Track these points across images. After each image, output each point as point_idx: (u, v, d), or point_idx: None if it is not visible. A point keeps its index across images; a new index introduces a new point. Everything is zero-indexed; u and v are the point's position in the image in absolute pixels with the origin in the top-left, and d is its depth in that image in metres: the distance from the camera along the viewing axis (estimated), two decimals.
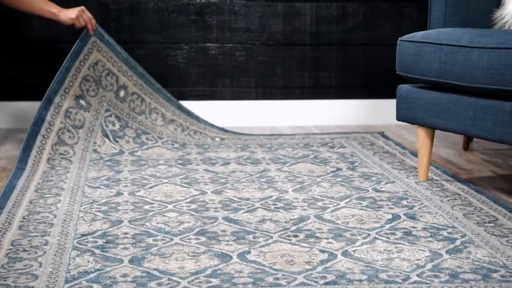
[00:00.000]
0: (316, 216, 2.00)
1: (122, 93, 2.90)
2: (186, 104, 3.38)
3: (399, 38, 2.38)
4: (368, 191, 2.27)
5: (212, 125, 3.07)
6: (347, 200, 2.17)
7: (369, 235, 1.85)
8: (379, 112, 3.46)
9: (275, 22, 3.39)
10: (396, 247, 1.76)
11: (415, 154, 2.75)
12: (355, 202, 2.14)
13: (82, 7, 2.84)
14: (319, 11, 3.40)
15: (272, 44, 3.40)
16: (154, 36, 3.33)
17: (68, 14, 2.79)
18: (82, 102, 2.79)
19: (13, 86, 3.30)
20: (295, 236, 1.84)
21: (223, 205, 2.11)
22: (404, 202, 2.14)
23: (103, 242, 1.79)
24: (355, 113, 3.46)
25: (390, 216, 2.00)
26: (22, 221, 1.94)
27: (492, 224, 1.93)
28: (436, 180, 2.38)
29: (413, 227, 1.91)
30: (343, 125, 3.45)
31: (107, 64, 2.88)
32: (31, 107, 3.28)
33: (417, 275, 1.59)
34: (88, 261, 1.67)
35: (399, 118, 2.41)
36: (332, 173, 2.49)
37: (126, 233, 1.85)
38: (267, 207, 2.10)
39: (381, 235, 1.85)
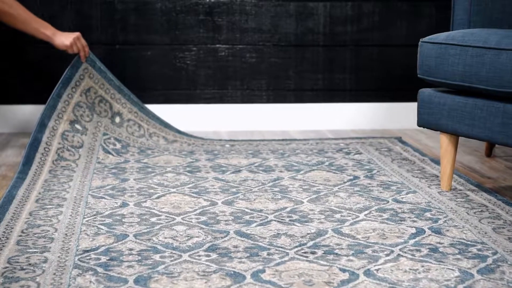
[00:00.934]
0: (335, 230, 1.87)
1: (117, 119, 2.82)
2: (195, 107, 3.26)
3: (420, 40, 2.25)
4: (388, 202, 2.13)
5: (219, 140, 2.95)
6: (366, 212, 2.04)
7: (392, 251, 1.72)
8: (395, 116, 3.33)
9: (287, 23, 3.26)
10: (422, 266, 1.63)
11: (435, 161, 2.62)
12: (375, 214, 2.01)
13: (78, 34, 2.75)
14: (333, 10, 3.27)
15: (284, 45, 3.27)
16: (162, 37, 3.21)
17: (63, 40, 2.71)
18: (77, 126, 2.69)
19: (14, 89, 3.19)
20: (313, 253, 1.71)
21: (235, 217, 1.98)
22: (428, 215, 2.00)
23: (107, 260, 1.66)
24: (370, 117, 3.33)
25: (413, 231, 1.87)
26: (20, 236, 1.82)
27: None
28: (460, 190, 2.25)
29: (440, 243, 1.78)
30: (358, 129, 3.32)
31: (100, 91, 2.80)
32: (34, 110, 3.16)
33: None
34: (90, 281, 1.54)
35: (421, 124, 2.28)
36: (349, 182, 2.36)
37: (131, 249, 1.73)
38: (282, 219, 1.97)
39: (405, 252, 1.72)
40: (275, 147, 2.88)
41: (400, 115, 3.33)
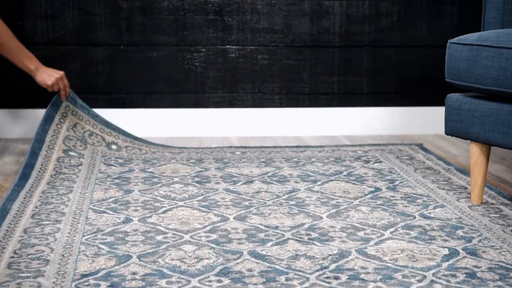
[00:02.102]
0: (359, 251, 1.70)
1: (114, 147, 2.69)
2: (203, 111, 3.09)
3: (449, 41, 2.07)
4: (415, 217, 1.96)
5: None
6: (392, 229, 1.86)
7: (424, 277, 1.55)
8: (415, 121, 3.15)
9: (301, 22, 3.09)
10: None
11: (461, 170, 2.44)
12: (402, 232, 1.84)
13: (62, 74, 2.65)
14: (349, 10, 3.09)
15: (298, 46, 3.10)
16: (169, 37, 3.04)
17: (45, 78, 2.62)
18: (72, 153, 2.56)
19: (13, 91, 3.03)
20: (336, 278, 1.54)
21: (248, 235, 1.81)
22: (460, 233, 1.83)
23: (107, 286, 1.49)
24: (388, 122, 3.15)
25: (446, 252, 1.69)
26: (12, 257, 1.65)
27: None
28: (492, 204, 2.07)
29: (477, 267, 1.60)
30: (376, 135, 3.14)
31: (87, 127, 2.68)
32: (34, 114, 3.00)
33: None
34: None
35: (449, 132, 2.10)
36: (370, 194, 2.19)
37: (134, 273, 1.56)
38: (300, 238, 1.79)
39: (439, 278, 1.54)
40: (288, 155, 2.71)
41: (420, 120, 3.16)
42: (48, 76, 2.63)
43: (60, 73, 2.66)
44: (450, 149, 2.87)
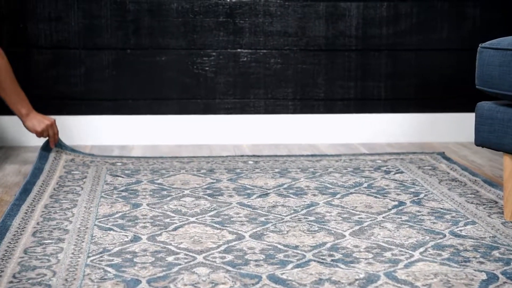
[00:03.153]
0: (388, 275, 1.56)
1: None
2: (213, 118, 2.96)
3: (480, 45, 1.94)
4: (445, 236, 1.82)
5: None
6: (421, 249, 1.72)
7: None
8: (435, 128, 3.02)
9: (316, 25, 2.95)
10: None
11: (489, 182, 2.30)
12: (432, 252, 1.70)
13: (52, 121, 2.57)
14: (366, 11, 2.96)
15: (313, 50, 2.96)
16: (178, 41, 2.91)
17: (35, 123, 2.55)
18: (75, 172, 2.45)
19: None
20: None
21: (266, 256, 1.67)
22: (496, 254, 1.69)
23: None
24: (407, 129, 3.02)
25: (484, 276, 1.55)
26: (11, 282, 1.51)
27: None
28: None
29: None
30: (394, 142, 3.01)
31: (86, 158, 2.62)
32: None
33: None
34: None
35: (479, 143, 1.96)
36: (394, 209, 2.05)
37: None
38: (322, 259, 1.66)
39: None
40: (304, 165, 2.58)
41: (440, 127, 3.02)
42: (38, 122, 2.56)
43: (51, 119, 2.59)
44: (474, 158, 2.73)
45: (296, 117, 3.00)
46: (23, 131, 2.91)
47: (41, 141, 2.70)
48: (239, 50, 2.96)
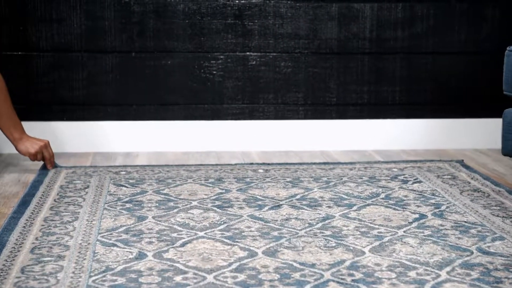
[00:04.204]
0: None
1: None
2: (221, 124, 2.85)
3: (508, 48, 1.82)
4: (472, 253, 1.70)
5: None
6: (448, 268, 1.60)
7: None
8: (452, 134, 2.90)
9: (328, 27, 2.84)
10: None
11: None
12: (460, 272, 1.58)
13: (46, 143, 2.46)
14: (381, 13, 2.84)
15: (324, 53, 2.85)
16: (184, 43, 2.80)
17: (27, 146, 2.44)
18: (77, 181, 2.34)
19: (14, 102, 2.79)
20: None
21: (281, 275, 1.56)
22: None
23: None
24: (423, 136, 2.90)
25: None
26: None
27: None
28: None
29: None
30: (410, 149, 2.89)
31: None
32: (37, 127, 2.77)
33: None
34: None
35: (507, 152, 1.85)
36: (415, 223, 1.93)
37: None
38: (341, 279, 1.54)
39: None
40: (317, 173, 2.46)
41: (458, 134, 2.90)
42: (31, 144, 2.45)
43: (44, 141, 2.47)
44: (494, 166, 2.61)
45: (307, 123, 2.88)
46: None
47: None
48: (248, 53, 2.85)
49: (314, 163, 2.61)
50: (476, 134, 2.90)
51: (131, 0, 2.78)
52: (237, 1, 2.82)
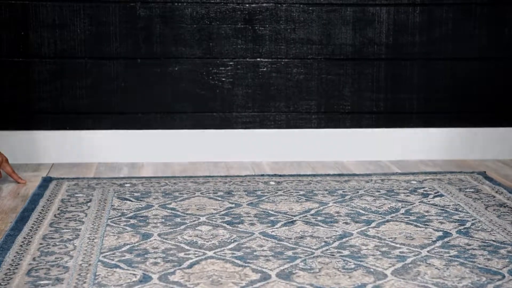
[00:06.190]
0: None
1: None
2: (230, 133, 2.75)
3: None
4: (504, 276, 1.57)
5: None
6: None
7: None
8: (472, 144, 2.79)
9: (342, 32, 2.73)
10: None
11: None
12: None
13: (4, 158, 2.35)
14: (398, 17, 2.73)
15: (339, 59, 2.74)
16: (192, 49, 2.70)
17: None
18: (79, 195, 2.23)
19: (15, 110, 2.69)
20: None
21: None
22: None
23: None
24: (441, 146, 2.79)
25: None
26: None
27: None
28: None
29: None
30: (427, 160, 2.77)
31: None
32: (37, 137, 2.66)
33: None
34: None
35: None
36: (439, 241, 1.80)
37: None
38: None
39: None
40: (331, 186, 2.34)
41: (478, 144, 2.79)
42: None
43: (2, 155, 2.36)
44: None
45: (320, 132, 2.77)
46: (22, 148, 2.70)
47: (41, 157, 2.49)
48: (258, 59, 2.74)
49: (328, 175, 2.49)
50: (498, 143, 2.78)
51: (137, 4, 2.68)
52: (247, 5, 2.71)
